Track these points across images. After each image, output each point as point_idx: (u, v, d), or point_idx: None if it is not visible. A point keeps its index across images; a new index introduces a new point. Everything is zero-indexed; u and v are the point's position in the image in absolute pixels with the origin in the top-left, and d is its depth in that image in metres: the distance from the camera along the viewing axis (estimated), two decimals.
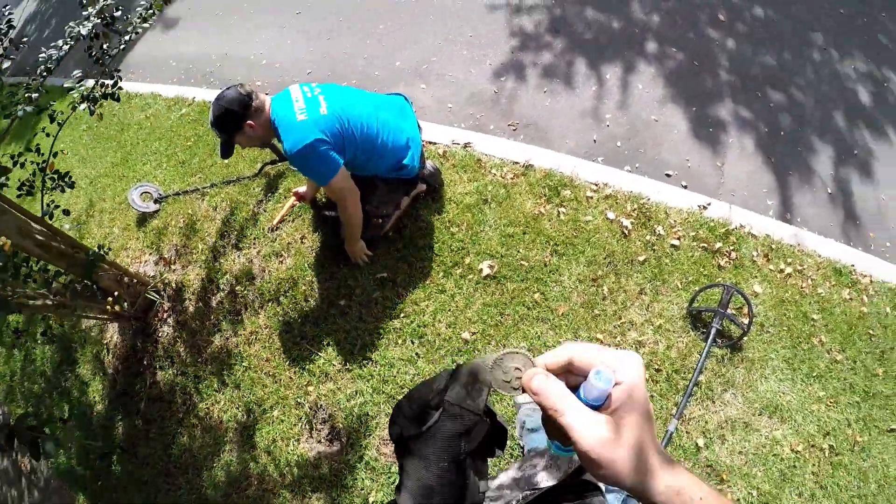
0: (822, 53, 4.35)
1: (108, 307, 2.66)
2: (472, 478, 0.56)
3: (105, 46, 2.43)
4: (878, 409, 2.81)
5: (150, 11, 2.56)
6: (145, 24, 2.55)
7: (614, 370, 0.50)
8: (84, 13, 2.41)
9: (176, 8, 4.98)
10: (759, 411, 2.66)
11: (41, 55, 2.36)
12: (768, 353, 2.79)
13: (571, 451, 0.54)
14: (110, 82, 2.43)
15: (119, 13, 2.51)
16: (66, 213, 2.56)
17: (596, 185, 3.15)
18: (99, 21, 2.41)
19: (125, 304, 2.77)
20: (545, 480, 1.03)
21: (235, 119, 2.30)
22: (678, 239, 3.00)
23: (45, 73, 2.34)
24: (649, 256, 2.93)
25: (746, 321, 2.71)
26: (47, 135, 2.33)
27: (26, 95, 2.25)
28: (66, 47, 2.39)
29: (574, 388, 0.53)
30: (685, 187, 3.36)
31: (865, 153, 3.90)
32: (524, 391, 0.53)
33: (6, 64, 2.46)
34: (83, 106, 2.36)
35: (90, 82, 2.41)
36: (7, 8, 2.80)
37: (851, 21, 4.71)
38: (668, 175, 3.39)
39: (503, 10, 4.17)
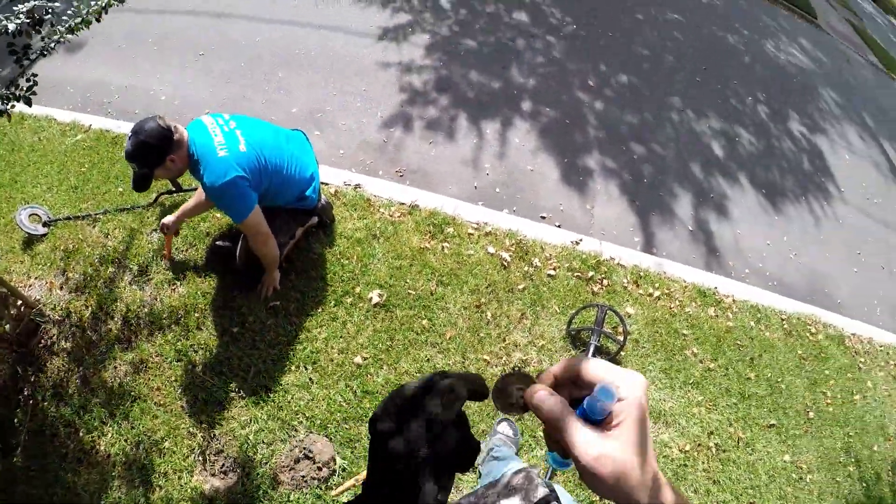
0: (681, 114, 5.01)
1: None
2: (428, 485, 0.56)
3: (27, 46, 2.35)
4: (755, 408, 3.14)
5: (79, 24, 2.52)
6: (70, 36, 2.50)
7: (618, 387, 0.52)
8: (14, 8, 2.32)
9: (81, 34, 5.01)
10: None
11: None
12: (646, 366, 3.05)
13: (569, 464, 0.57)
14: (26, 84, 2.36)
15: (49, 16, 2.41)
16: None
17: (477, 224, 3.41)
18: (27, 21, 2.32)
19: (6, 325, 2.60)
20: None
21: (157, 153, 2.26)
22: (554, 269, 3.27)
23: None
24: (528, 285, 3.17)
25: (622, 337, 2.95)
26: None
27: None
28: None
29: (578, 402, 0.55)
30: (559, 227, 3.69)
31: (721, 196, 4.46)
32: (525, 409, 0.56)
33: None
34: None
35: None
36: None
37: (706, 87, 5.49)
38: (543, 217, 3.73)
39: (395, 68, 4.54)
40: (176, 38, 4.79)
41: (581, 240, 3.54)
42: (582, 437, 0.51)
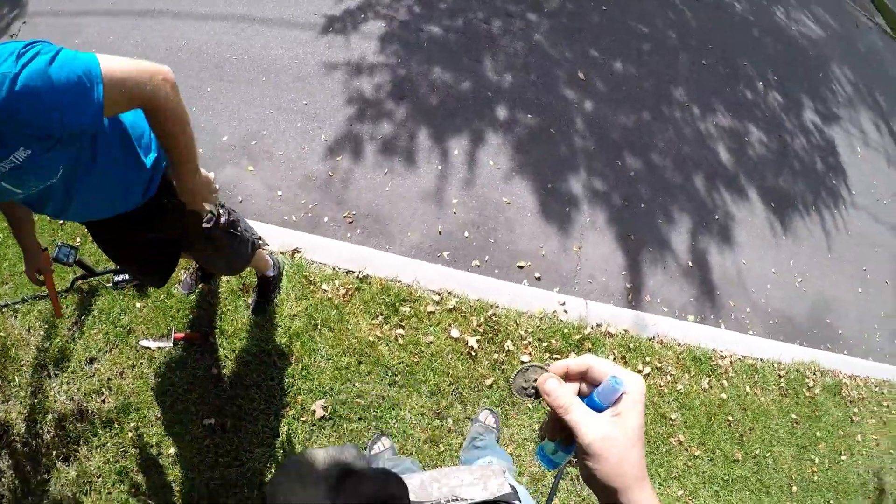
0: (684, 111, 4.41)
1: None
2: None
3: None
4: (737, 492, 2.96)
5: None
6: None
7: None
8: None
9: None
10: None
11: None
12: None
13: (569, 452, 0.66)
14: None
15: None
16: None
17: (439, 293, 2.92)
18: None
19: None
20: (469, 493, 1.08)
21: None
22: (528, 354, 2.85)
23: None
24: (497, 378, 2.76)
25: None
26: None
27: None
28: None
29: (583, 397, 0.62)
30: (539, 279, 3.23)
31: (726, 217, 4.00)
32: (537, 395, 0.65)
33: None
34: None
35: None
36: None
37: (713, 71, 4.84)
38: (520, 267, 3.24)
39: (342, 71, 3.80)
40: (95, 47, 3.97)
41: (565, 303, 3.10)
42: (589, 419, 0.58)
